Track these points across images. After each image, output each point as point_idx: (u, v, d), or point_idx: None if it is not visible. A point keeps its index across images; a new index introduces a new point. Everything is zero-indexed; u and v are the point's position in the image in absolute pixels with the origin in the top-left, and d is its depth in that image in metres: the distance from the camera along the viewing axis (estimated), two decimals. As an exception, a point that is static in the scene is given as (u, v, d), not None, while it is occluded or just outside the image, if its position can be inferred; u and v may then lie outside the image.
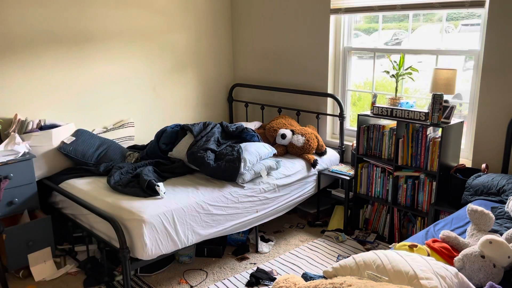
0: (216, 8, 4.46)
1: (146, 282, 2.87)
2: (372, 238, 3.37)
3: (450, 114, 2.93)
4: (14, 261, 2.80)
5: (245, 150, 3.13)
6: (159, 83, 4.15)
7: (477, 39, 3.02)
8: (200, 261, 3.12)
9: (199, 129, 3.43)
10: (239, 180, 3.03)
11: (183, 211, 2.70)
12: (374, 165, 3.36)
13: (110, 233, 2.60)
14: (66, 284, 2.84)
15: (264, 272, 2.92)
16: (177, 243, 2.67)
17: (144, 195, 2.75)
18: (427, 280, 1.51)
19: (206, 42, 4.44)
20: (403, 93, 3.55)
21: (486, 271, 1.77)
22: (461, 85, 3.27)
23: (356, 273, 1.68)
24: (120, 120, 3.92)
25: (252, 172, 3.10)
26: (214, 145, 3.22)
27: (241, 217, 3.01)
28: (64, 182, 3.10)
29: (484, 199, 2.62)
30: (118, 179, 2.94)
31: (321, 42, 3.84)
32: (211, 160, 3.07)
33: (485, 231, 2.10)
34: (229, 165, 2.99)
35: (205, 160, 3.05)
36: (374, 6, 3.43)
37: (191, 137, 3.36)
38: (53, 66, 3.44)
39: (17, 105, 3.30)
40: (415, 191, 3.14)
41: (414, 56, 3.40)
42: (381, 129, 3.28)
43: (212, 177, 3.08)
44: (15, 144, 2.96)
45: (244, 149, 3.14)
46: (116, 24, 3.74)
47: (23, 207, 2.96)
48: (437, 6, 3.11)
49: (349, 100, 3.95)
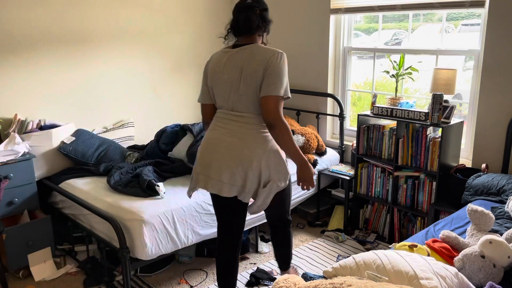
0: (216, 8, 4.46)
1: (146, 282, 2.87)
2: (372, 238, 3.37)
3: (450, 114, 2.93)
4: (14, 261, 2.80)
5: None
6: (159, 83, 4.15)
7: (477, 39, 3.02)
8: (200, 261, 3.12)
9: (199, 129, 3.43)
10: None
11: (183, 211, 2.70)
12: (374, 165, 3.36)
13: (110, 233, 2.60)
14: (66, 284, 2.84)
15: (264, 272, 2.92)
16: (177, 243, 2.67)
17: (144, 195, 2.75)
18: (427, 280, 1.51)
19: (206, 42, 4.44)
20: (403, 93, 3.55)
21: (486, 271, 1.77)
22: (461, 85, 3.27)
23: (356, 273, 1.68)
24: (120, 120, 3.92)
25: None
26: None
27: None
28: (64, 182, 3.10)
29: (484, 199, 2.62)
30: (118, 179, 2.94)
31: (321, 42, 3.84)
32: None
33: (485, 231, 2.11)
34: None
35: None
36: (374, 6, 3.43)
37: (191, 137, 3.36)
38: (53, 66, 3.44)
39: (17, 105, 3.30)
40: (415, 191, 3.14)
41: (414, 56, 3.40)
42: (381, 129, 3.28)
43: None
44: (15, 144, 2.95)
45: None
46: (116, 24, 3.74)
47: (23, 207, 2.96)
48: (437, 6, 3.11)
49: (349, 100, 3.95)
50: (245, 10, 2.13)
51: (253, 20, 2.12)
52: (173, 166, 3.19)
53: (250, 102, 2.12)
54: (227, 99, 2.16)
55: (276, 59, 2.05)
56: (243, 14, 2.13)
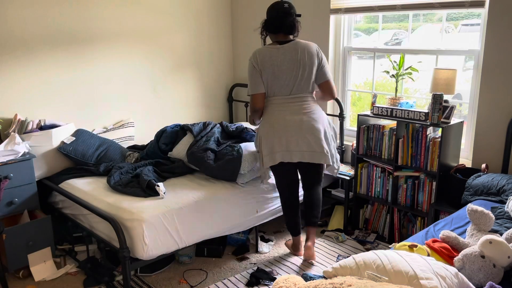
0: (216, 8, 4.46)
1: (146, 282, 2.87)
2: (372, 238, 3.37)
3: (450, 114, 2.93)
4: (14, 261, 2.80)
5: (245, 150, 3.13)
6: (159, 83, 4.15)
7: (477, 39, 3.02)
8: (200, 261, 3.12)
9: (199, 129, 3.43)
10: (239, 180, 3.03)
11: (183, 211, 2.70)
12: (374, 165, 3.36)
13: (110, 233, 2.60)
14: (66, 284, 2.84)
15: (264, 272, 2.92)
16: (177, 243, 2.67)
17: (144, 195, 2.76)
18: (427, 280, 1.51)
19: (206, 42, 4.44)
20: (403, 93, 3.55)
21: (486, 271, 1.77)
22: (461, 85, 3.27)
23: (356, 273, 1.68)
24: (120, 120, 3.92)
25: (252, 173, 3.10)
26: (214, 145, 3.22)
27: (241, 217, 3.01)
28: (64, 182, 3.11)
29: (484, 199, 2.62)
30: (118, 179, 2.94)
31: (321, 42, 3.84)
32: (211, 160, 3.07)
33: (485, 231, 2.10)
34: (229, 165, 2.99)
35: (205, 160, 3.05)
36: (374, 6, 3.43)
37: (191, 137, 3.36)
38: (53, 66, 3.44)
39: (17, 105, 3.30)
40: (415, 191, 3.14)
41: (414, 56, 3.40)
42: (381, 129, 3.28)
43: (212, 177, 3.09)
44: (15, 144, 2.95)
45: (244, 149, 3.14)
46: (116, 24, 3.74)
47: (23, 207, 2.96)
48: (437, 6, 3.11)
49: (349, 100, 3.95)
50: (287, 15, 2.78)
51: (295, 24, 2.82)
52: (173, 166, 3.20)
53: (307, 85, 2.82)
54: (286, 85, 2.78)
55: (321, 52, 2.86)
56: (288, 18, 2.77)
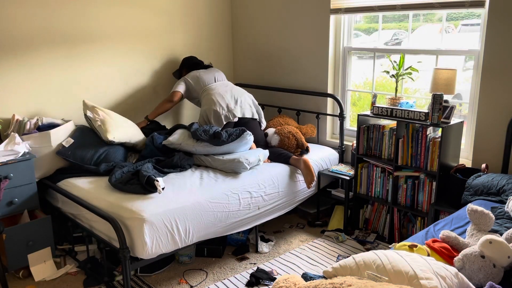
0: (216, 8, 4.46)
1: (146, 282, 2.87)
2: (372, 238, 3.38)
3: (450, 114, 2.94)
4: (14, 261, 2.80)
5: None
6: (159, 83, 4.15)
7: (477, 39, 3.02)
8: (200, 261, 3.12)
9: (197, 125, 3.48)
10: (245, 163, 3.10)
11: (183, 209, 2.69)
12: (374, 165, 3.36)
13: (110, 233, 2.60)
14: (66, 284, 2.84)
15: (264, 272, 2.92)
16: (178, 242, 2.66)
17: (144, 191, 2.74)
18: (427, 280, 1.51)
19: (206, 42, 4.44)
20: (403, 93, 3.55)
21: (486, 271, 1.77)
22: (461, 85, 3.27)
23: (356, 273, 1.68)
24: (120, 120, 3.91)
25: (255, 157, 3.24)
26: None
27: (242, 214, 3.01)
28: (65, 180, 3.09)
29: (484, 199, 2.62)
30: (119, 177, 2.93)
31: (321, 42, 3.84)
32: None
33: (485, 231, 2.11)
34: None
35: (219, 133, 3.22)
36: (374, 6, 3.43)
37: (186, 130, 3.40)
38: (53, 65, 3.44)
39: (16, 105, 3.30)
40: (415, 191, 3.14)
41: (414, 56, 3.40)
42: (381, 129, 3.28)
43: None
44: (15, 144, 2.95)
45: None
46: (116, 24, 3.74)
47: (23, 207, 2.96)
48: (437, 6, 3.11)
49: (349, 100, 3.95)
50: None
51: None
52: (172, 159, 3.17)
53: None
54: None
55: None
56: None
